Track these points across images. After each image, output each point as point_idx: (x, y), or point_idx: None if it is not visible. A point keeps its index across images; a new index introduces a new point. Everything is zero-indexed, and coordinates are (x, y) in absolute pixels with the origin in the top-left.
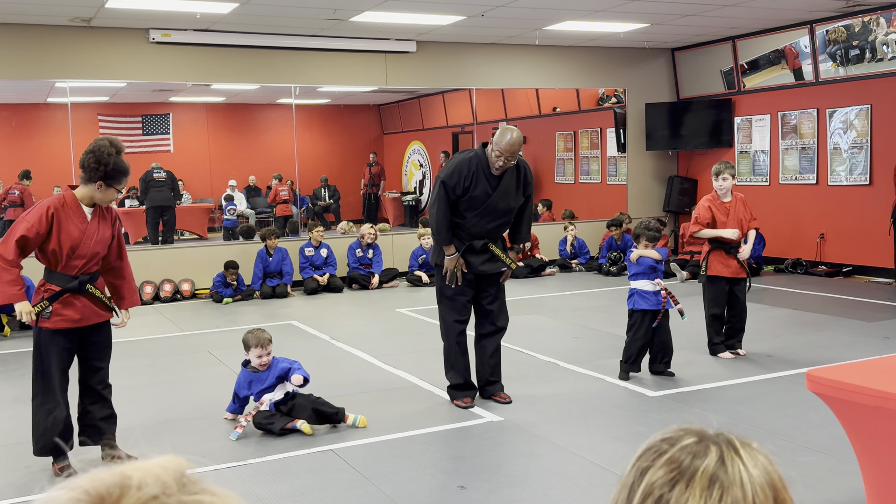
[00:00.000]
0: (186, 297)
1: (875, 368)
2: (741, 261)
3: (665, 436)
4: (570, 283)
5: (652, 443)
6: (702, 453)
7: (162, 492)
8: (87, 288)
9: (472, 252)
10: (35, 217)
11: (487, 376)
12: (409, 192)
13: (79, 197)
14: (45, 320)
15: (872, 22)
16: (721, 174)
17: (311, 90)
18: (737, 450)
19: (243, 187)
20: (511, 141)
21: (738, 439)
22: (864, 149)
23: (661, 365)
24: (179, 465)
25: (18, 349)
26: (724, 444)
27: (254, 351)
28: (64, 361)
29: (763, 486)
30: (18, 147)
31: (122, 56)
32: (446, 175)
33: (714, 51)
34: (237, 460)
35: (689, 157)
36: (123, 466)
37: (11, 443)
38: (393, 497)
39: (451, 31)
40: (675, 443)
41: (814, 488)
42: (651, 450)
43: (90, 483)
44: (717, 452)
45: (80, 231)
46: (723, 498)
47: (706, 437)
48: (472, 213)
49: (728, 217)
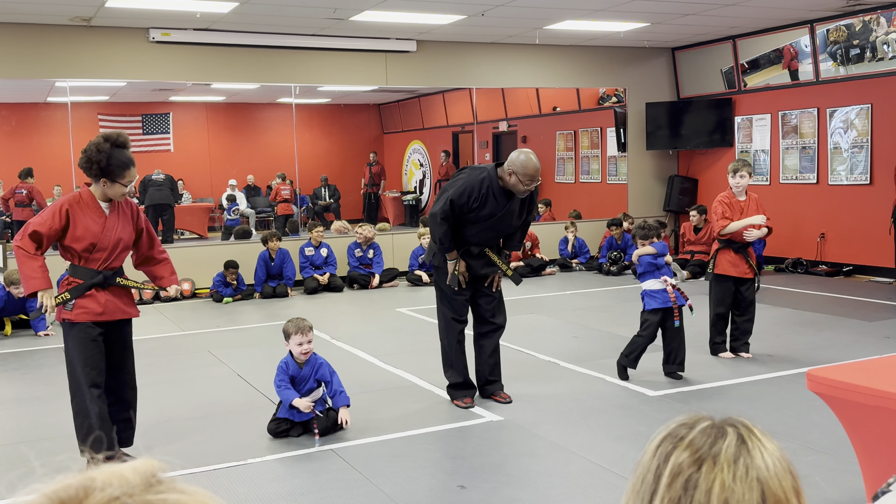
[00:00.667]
0: (186, 296)
1: (875, 368)
2: (750, 262)
3: (681, 422)
4: (570, 282)
5: (670, 429)
6: (721, 434)
7: (126, 492)
8: (117, 281)
9: (470, 256)
10: (49, 214)
11: (487, 375)
12: (409, 191)
13: (95, 192)
14: (66, 311)
15: (873, 21)
16: (738, 171)
17: (312, 90)
18: (752, 430)
19: (243, 187)
20: (534, 167)
21: (749, 423)
22: (864, 148)
23: (675, 366)
24: (150, 466)
25: (19, 348)
26: (739, 425)
27: (294, 338)
28: (88, 354)
29: (781, 459)
30: (18, 146)
31: (122, 55)
32: (456, 194)
33: (714, 50)
34: (237, 460)
35: (689, 156)
36: (93, 470)
37: (12, 442)
38: (393, 497)
39: (452, 30)
40: (694, 426)
41: (814, 487)
42: (671, 435)
43: (53, 487)
44: (735, 433)
45: (99, 226)
46: (748, 472)
47: (722, 421)
48: (474, 227)
49: (741, 216)
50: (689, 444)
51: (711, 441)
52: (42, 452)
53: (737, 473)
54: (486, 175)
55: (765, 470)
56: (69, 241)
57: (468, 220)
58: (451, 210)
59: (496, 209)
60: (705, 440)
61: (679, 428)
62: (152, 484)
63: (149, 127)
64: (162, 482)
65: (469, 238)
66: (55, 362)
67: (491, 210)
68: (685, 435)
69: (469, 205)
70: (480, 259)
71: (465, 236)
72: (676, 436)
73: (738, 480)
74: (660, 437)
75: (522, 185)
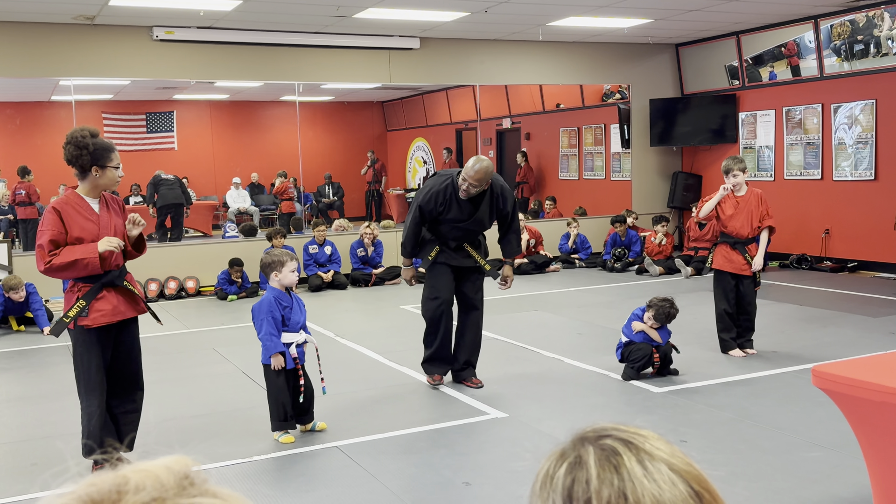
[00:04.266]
0: (191, 294)
1: (880, 364)
2: (747, 257)
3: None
4: (573, 279)
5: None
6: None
7: (159, 496)
8: (123, 283)
9: (449, 249)
10: (49, 221)
11: (464, 359)
12: (412, 188)
13: (82, 193)
14: (83, 318)
15: (877, 17)
16: (731, 171)
17: (315, 87)
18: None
19: (247, 185)
20: (478, 169)
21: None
22: (869, 144)
23: (670, 371)
24: (184, 464)
25: (26, 346)
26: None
27: (289, 266)
28: (100, 361)
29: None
30: (23, 145)
31: (126, 54)
32: (423, 200)
33: (718, 46)
34: (242, 457)
35: (693, 152)
36: (125, 468)
37: (18, 440)
38: (398, 493)
39: (455, 27)
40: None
41: (819, 484)
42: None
43: (85, 488)
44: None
45: (94, 223)
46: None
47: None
48: (445, 226)
49: (737, 210)
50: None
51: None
52: (48, 450)
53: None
54: (450, 181)
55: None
56: (71, 242)
57: (439, 221)
58: (419, 216)
59: (460, 212)
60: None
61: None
62: (185, 486)
63: (153, 125)
64: (195, 484)
65: (445, 234)
66: (60, 360)
67: (455, 213)
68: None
69: (436, 209)
70: (459, 252)
71: (441, 233)
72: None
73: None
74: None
75: (466, 185)
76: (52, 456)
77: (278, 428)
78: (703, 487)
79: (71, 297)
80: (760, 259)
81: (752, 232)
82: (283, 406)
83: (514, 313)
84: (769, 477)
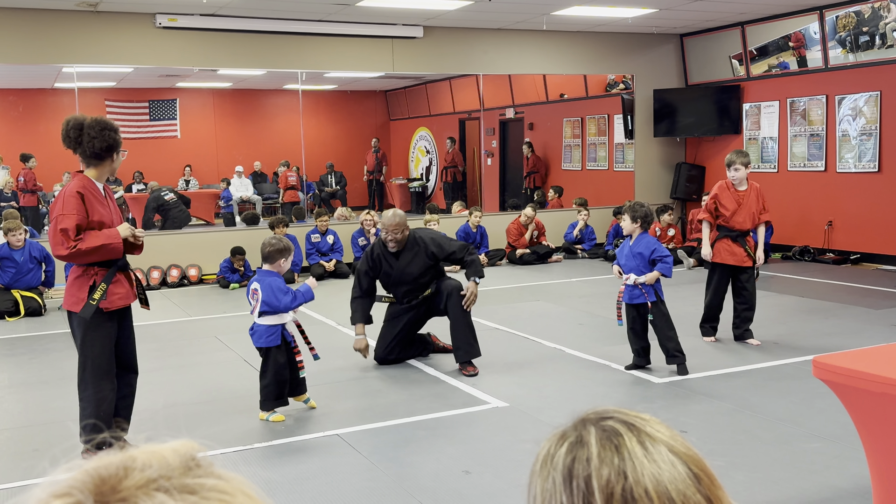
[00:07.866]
0: (193, 282)
1: (882, 355)
2: (748, 249)
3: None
4: (575, 269)
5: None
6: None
7: (164, 474)
8: (130, 270)
9: (408, 303)
10: (73, 206)
11: (461, 344)
12: (415, 178)
13: (92, 178)
14: (103, 301)
15: (882, 8)
16: (733, 165)
17: (318, 76)
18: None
19: (249, 173)
20: (391, 217)
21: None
22: (873, 136)
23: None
24: (190, 447)
25: (27, 333)
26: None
27: (291, 255)
28: (110, 346)
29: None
30: (25, 132)
31: (129, 41)
32: (362, 268)
33: (723, 36)
34: (244, 444)
35: (696, 143)
36: (133, 449)
37: (20, 425)
38: (398, 481)
39: (459, 16)
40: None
41: (819, 474)
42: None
43: (94, 464)
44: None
45: (107, 209)
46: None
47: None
48: (387, 285)
49: (739, 206)
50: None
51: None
52: (50, 436)
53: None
54: (377, 242)
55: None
56: (89, 227)
57: (381, 281)
58: (359, 283)
59: (390, 268)
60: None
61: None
62: (191, 467)
63: (156, 113)
64: (200, 465)
65: (394, 291)
66: (63, 346)
67: (387, 270)
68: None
69: (371, 271)
70: (415, 303)
71: (395, 295)
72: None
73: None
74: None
75: (386, 236)
76: (54, 441)
77: (271, 408)
78: (702, 470)
79: (83, 282)
80: (762, 253)
81: (753, 225)
82: (283, 384)
83: (516, 303)
84: (769, 467)
